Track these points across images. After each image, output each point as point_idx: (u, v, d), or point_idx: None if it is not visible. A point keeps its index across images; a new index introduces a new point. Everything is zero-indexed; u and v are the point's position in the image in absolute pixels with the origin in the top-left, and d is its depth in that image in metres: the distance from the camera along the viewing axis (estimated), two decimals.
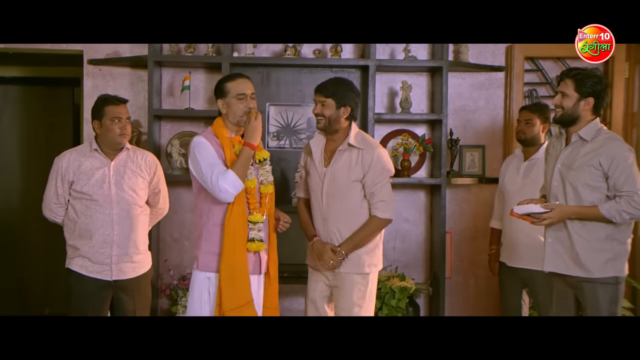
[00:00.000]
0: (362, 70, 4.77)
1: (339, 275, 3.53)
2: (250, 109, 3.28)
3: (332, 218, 3.52)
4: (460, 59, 4.87)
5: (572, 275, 3.32)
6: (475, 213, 4.98)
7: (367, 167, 3.49)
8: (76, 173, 3.61)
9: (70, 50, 4.79)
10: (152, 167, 3.79)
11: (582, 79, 3.30)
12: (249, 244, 3.28)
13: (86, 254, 3.59)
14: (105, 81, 4.82)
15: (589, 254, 3.27)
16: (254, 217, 3.29)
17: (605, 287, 3.27)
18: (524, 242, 4.04)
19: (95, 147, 3.66)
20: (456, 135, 4.89)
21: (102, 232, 3.57)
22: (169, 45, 4.74)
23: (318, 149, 3.61)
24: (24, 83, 6.18)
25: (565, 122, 3.37)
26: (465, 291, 5.05)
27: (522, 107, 4.35)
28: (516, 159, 4.25)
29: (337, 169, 3.53)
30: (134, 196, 3.65)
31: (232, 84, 3.32)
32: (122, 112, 3.64)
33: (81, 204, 3.61)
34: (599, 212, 3.21)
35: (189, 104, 4.67)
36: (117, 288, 3.64)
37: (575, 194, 3.30)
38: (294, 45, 4.69)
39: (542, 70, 5.01)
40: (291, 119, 4.84)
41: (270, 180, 3.39)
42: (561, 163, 3.37)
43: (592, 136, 3.31)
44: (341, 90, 3.53)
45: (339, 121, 3.52)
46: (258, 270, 3.35)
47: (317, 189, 3.58)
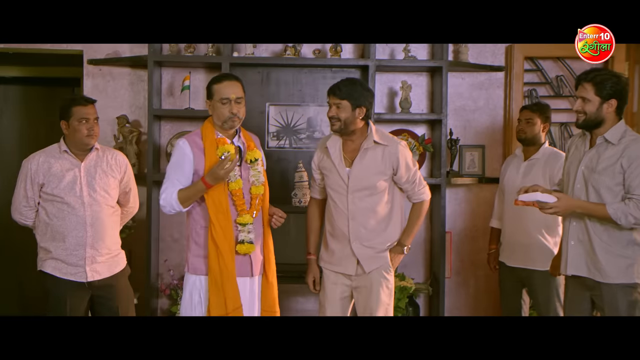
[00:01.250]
0: (362, 70, 4.77)
1: (366, 275, 3.51)
2: (225, 154, 3.22)
3: (360, 216, 3.50)
4: (460, 58, 4.87)
5: (593, 278, 3.25)
6: (475, 213, 4.99)
7: (397, 162, 3.50)
8: (46, 175, 3.56)
9: (70, 50, 4.79)
10: (122, 166, 3.75)
11: (602, 82, 3.22)
12: (238, 246, 3.26)
13: (59, 256, 3.54)
14: (105, 81, 4.82)
15: (609, 259, 3.21)
16: (243, 219, 3.27)
17: (625, 291, 3.21)
18: (523, 242, 4.04)
19: (64, 149, 3.61)
20: (456, 135, 4.89)
21: (76, 234, 3.53)
22: (169, 45, 4.74)
23: (336, 150, 3.55)
24: (24, 83, 6.17)
25: (590, 127, 3.29)
26: (465, 291, 5.05)
27: (523, 107, 4.34)
28: (516, 158, 4.25)
29: (363, 167, 3.50)
30: (105, 197, 3.61)
31: (218, 87, 3.32)
32: (90, 112, 3.58)
33: (53, 206, 3.56)
34: (606, 211, 3.15)
35: (189, 103, 4.67)
36: (94, 288, 3.60)
37: (597, 197, 3.23)
38: (294, 45, 4.69)
39: (542, 70, 5.01)
40: (291, 118, 4.84)
41: (261, 181, 3.36)
42: (585, 165, 3.29)
43: (617, 138, 3.24)
44: (356, 91, 3.48)
45: (354, 122, 3.48)
46: (249, 272, 3.32)
47: (340, 190, 3.53)
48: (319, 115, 4.81)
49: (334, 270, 3.57)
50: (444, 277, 4.71)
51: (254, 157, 3.36)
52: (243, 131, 3.45)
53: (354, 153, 3.53)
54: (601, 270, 3.22)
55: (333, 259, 3.57)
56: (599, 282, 3.24)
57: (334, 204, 3.56)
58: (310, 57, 4.78)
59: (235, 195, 3.28)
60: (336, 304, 3.56)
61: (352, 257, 3.51)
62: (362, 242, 3.50)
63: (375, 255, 3.52)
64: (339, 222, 3.53)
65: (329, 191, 3.60)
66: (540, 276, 3.94)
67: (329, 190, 3.60)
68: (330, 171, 3.56)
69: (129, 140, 4.69)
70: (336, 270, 3.56)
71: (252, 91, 4.75)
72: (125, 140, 4.68)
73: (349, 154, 3.55)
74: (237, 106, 3.30)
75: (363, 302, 3.52)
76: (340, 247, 3.54)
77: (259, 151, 3.40)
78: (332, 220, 3.58)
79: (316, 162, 3.67)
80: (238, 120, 3.33)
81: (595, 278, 3.25)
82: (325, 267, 3.62)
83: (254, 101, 4.75)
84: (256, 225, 3.35)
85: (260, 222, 3.39)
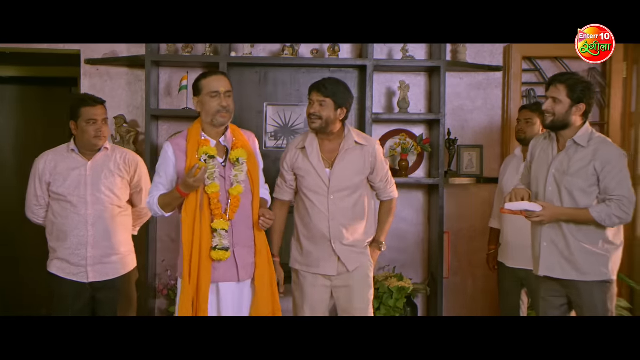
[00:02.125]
0: (360, 70, 4.77)
1: (348, 274, 3.52)
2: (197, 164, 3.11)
3: (340, 216, 3.50)
4: (458, 58, 4.87)
5: (569, 278, 3.33)
6: (473, 213, 4.98)
7: (375, 161, 3.57)
8: (53, 174, 3.59)
9: (68, 50, 4.78)
10: (132, 165, 3.73)
11: (574, 85, 3.31)
12: (211, 252, 3.17)
13: (62, 256, 3.57)
14: (103, 81, 4.81)
15: (586, 257, 3.30)
16: (216, 224, 3.17)
17: (602, 288, 3.32)
18: (523, 243, 4.02)
19: (72, 148, 3.62)
20: (454, 135, 4.89)
21: (77, 234, 3.53)
22: (167, 45, 4.73)
23: (314, 150, 3.55)
24: (21, 83, 6.17)
25: (557, 127, 3.38)
26: (463, 291, 5.04)
27: (522, 107, 4.35)
28: (516, 158, 4.24)
29: (345, 167, 3.51)
30: (111, 196, 3.60)
31: (206, 82, 3.26)
32: (98, 113, 3.58)
33: (58, 205, 3.58)
34: (589, 215, 3.24)
35: (187, 103, 4.66)
36: (96, 290, 3.60)
37: (571, 199, 3.31)
38: (292, 45, 4.68)
39: (540, 70, 5.00)
40: (289, 118, 4.83)
41: (239, 180, 3.23)
42: (555, 169, 3.37)
43: (586, 141, 3.32)
44: (340, 91, 3.50)
45: (335, 123, 3.50)
46: (235, 277, 3.23)
47: (320, 191, 3.52)
48: None
49: (312, 272, 3.55)
50: (442, 278, 4.71)
51: (237, 156, 3.25)
52: (233, 129, 3.36)
53: (333, 154, 3.54)
54: (578, 269, 3.31)
55: (310, 261, 3.55)
56: (575, 281, 3.32)
57: (311, 204, 3.53)
58: (308, 57, 4.77)
59: (211, 199, 3.18)
60: (316, 305, 3.55)
61: (332, 257, 3.51)
62: (343, 241, 3.51)
63: (357, 253, 3.55)
64: (318, 223, 3.51)
65: (305, 192, 3.56)
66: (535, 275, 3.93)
67: (305, 192, 3.56)
68: (308, 172, 3.54)
69: (127, 140, 4.68)
70: (315, 272, 3.54)
71: (250, 91, 4.74)
72: (122, 140, 4.67)
73: (326, 154, 3.55)
74: (226, 99, 3.23)
75: (345, 301, 3.54)
76: (318, 248, 3.53)
77: (242, 150, 3.28)
78: (308, 221, 3.54)
79: (289, 162, 3.62)
80: (228, 115, 3.25)
81: (571, 277, 3.33)
82: (302, 270, 3.59)
83: (252, 101, 4.75)
84: (240, 229, 3.25)
85: (247, 225, 3.27)
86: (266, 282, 3.29)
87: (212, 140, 3.28)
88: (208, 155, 3.20)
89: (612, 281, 3.35)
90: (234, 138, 3.33)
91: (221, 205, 3.20)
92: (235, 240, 3.23)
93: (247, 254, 3.27)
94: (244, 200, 3.26)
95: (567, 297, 3.41)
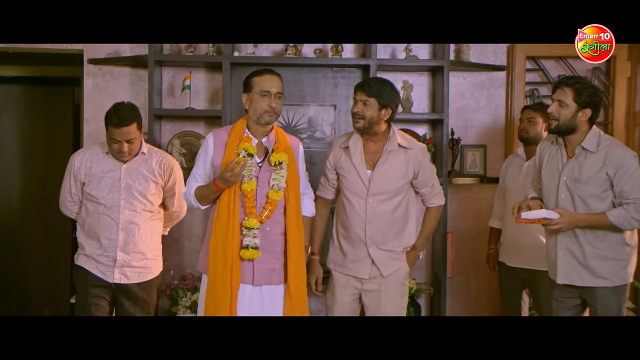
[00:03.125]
0: (363, 70, 4.76)
1: (380, 279, 3.47)
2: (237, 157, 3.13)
3: (377, 220, 3.44)
4: (461, 58, 4.86)
5: (587, 285, 3.29)
6: (477, 213, 4.97)
7: (419, 166, 3.48)
8: (87, 175, 3.59)
9: (71, 50, 4.77)
10: (168, 170, 3.70)
11: (582, 89, 3.27)
12: (242, 251, 3.17)
13: (91, 254, 3.58)
14: (106, 80, 4.81)
15: (603, 264, 3.26)
16: (248, 223, 3.17)
17: (617, 292, 3.28)
18: (525, 243, 4.03)
19: (107, 150, 3.62)
20: (457, 135, 4.88)
21: (107, 236, 3.55)
22: (170, 45, 4.72)
23: (357, 150, 3.48)
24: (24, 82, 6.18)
25: (562, 132, 3.34)
26: (467, 291, 5.04)
27: (525, 106, 4.33)
28: (518, 158, 4.23)
29: (386, 170, 3.44)
30: (143, 201, 3.60)
31: (259, 79, 3.25)
32: (120, 134, 3.46)
33: (91, 205, 3.59)
34: (608, 220, 3.20)
35: (190, 103, 4.65)
36: (119, 292, 3.62)
37: (585, 206, 3.27)
38: (295, 45, 4.68)
39: (544, 70, 4.99)
40: (292, 118, 4.82)
41: (282, 187, 3.24)
42: (567, 176, 3.32)
43: (595, 146, 3.28)
44: (386, 90, 3.42)
45: (379, 123, 3.42)
46: (250, 280, 3.22)
47: (359, 192, 3.46)
48: (320, 115, 4.80)
49: (344, 273, 3.52)
50: (446, 277, 4.70)
51: (279, 159, 3.23)
52: (277, 131, 3.36)
53: (376, 155, 3.47)
54: (597, 276, 3.26)
55: (345, 262, 3.52)
56: (593, 287, 3.28)
57: (350, 206, 3.48)
58: (311, 57, 4.76)
59: (246, 197, 3.18)
60: (345, 307, 3.52)
61: (366, 260, 3.47)
62: (379, 245, 3.46)
63: (392, 258, 3.48)
64: (355, 226, 3.47)
65: (345, 193, 3.52)
66: (543, 276, 3.91)
67: (345, 192, 3.52)
68: (349, 172, 3.49)
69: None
70: (348, 274, 3.51)
71: None
72: None
73: (369, 155, 3.48)
74: (276, 101, 3.23)
75: (374, 306, 3.48)
76: (354, 250, 3.49)
77: (284, 154, 3.26)
78: (347, 222, 3.50)
79: (332, 161, 3.59)
80: (275, 116, 3.25)
81: (590, 284, 3.28)
82: (335, 270, 3.56)
83: None
84: (266, 233, 3.23)
85: (274, 230, 3.26)
86: (300, 288, 3.28)
87: (254, 139, 3.27)
88: (247, 152, 3.19)
89: (628, 284, 3.33)
90: (276, 140, 3.31)
91: (256, 204, 3.20)
92: (260, 243, 3.22)
93: (269, 259, 3.24)
94: (278, 204, 3.27)
95: (582, 297, 3.38)
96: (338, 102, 4.81)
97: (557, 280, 3.37)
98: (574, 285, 3.33)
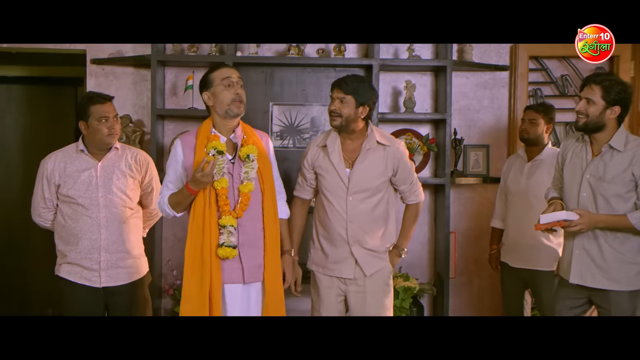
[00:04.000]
0: (366, 70, 4.75)
1: (364, 279, 3.45)
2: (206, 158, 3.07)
3: (358, 219, 3.42)
4: (464, 58, 4.85)
5: (600, 287, 3.24)
6: (480, 213, 4.96)
7: (398, 163, 3.46)
8: (62, 176, 3.48)
9: (73, 50, 4.78)
10: (144, 165, 3.63)
11: (610, 86, 3.21)
12: (218, 249, 3.10)
13: (73, 260, 3.46)
14: (108, 80, 4.81)
15: (621, 267, 3.21)
16: (223, 220, 3.10)
17: (632, 297, 3.22)
18: (527, 243, 4.02)
19: (81, 148, 3.52)
20: (460, 135, 4.87)
21: (89, 237, 3.43)
22: (172, 45, 4.72)
23: (335, 149, 3.47)
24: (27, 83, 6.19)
25: (590, 130, 3.27)
26: (469, 291, 5.03)
27: (527, 107, 4.31)
28: (519, 159, 4.22)
29: (365, 168, 3.43)
30: (123, 198, 3.51)
31: (217, 72, 3.21)
32: (109, 110, 3.47)
33: (68, 207, 3.48)
34: (628, 222, 3.14)
35: (192, 103, 4.66)
36: (108, 295, 3.50)
37: (607, 205, 3.21)
38: (297, 45, 4.68)
39: (547, 70, 4.99)
40: (294, 118, 4.82)
41: (250, 178, 3.17)
42: (590, 174, 3.26)
43: (622, 145, 3.22)
44: (362, 88, 3.40)
45: (356, 121, 3.41)
46: (240, 279, 3.16)
47: (339, 191, 3.44)
48: (323, 114, 4.80)
49: (328, 275, 3.51)
50: (448, 278, 4.69)
51: (247, 152, 3.18)
52: (244, 127, 3.31)
53: (354, 153, 3.46)
54: (611, 278, 3.21)
55: (328, 263, 3.49)
56: (605, 289, 3.23)
57: (329, 205, 3.47)
58: (313, 57, 4.76)
59: (219, 195, 3.12)
60: (333, 307, 3.50)
61: (350, 260, 3.45)
62: (362, 245, 3.44)
63: (376, 257, 3.47)
64: (336, 225, 3.45)
65: (324, 192, 3.50)
66: (545, 277, 3.92)
67: (324, 192, 3.50)
68: (327, 171, 3.48)
69: (132, 140, 4.68)
70: (331, 275, 3.49)
71: (256, 91, 4.73)
72: (128, 140, 4.66)
73: (348, 154, 3.47)
74: (241, 89, 3.18)
75: (359, 307, 3.46)
76: (336, 250, 3.46)
77: (253, 147, 3.20)
78: (327, 222, 3.48)
79: (309, 160, 3.56)
80: (242, 106, 3.19)
81: (602, 287, 3.23)
82: (319, 272, 3.54)
83: (258, 101, 4.74)
84: (247, 229, 3.18)
85: (255, 225, 3.21)
86: (277, 284, 3.23)
87: (222, 137, 3.22)
88: (217, 150, 3.13)
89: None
90: (244, 135, 3.26)
91: (229, 201, 3.14)
92: (242, 240, 3.16)
93: (255, 256, 3.19)
94: (254, 198, 3.19)
95: (589, 299, 3.33)
96: None
97: (569, 280, 3.31)
98: (584, 286, 3.28)
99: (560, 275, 3.45)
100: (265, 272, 3.20)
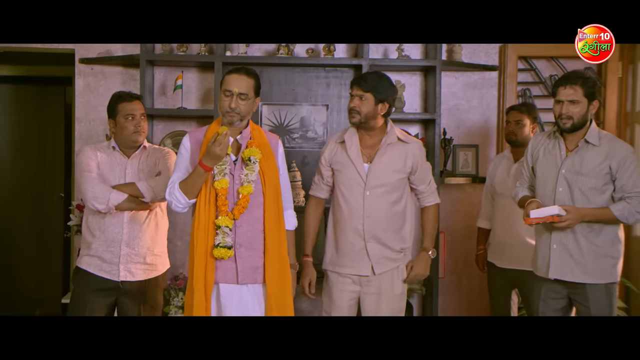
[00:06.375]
0: (355, 70, 4.76)
1: (376, 280, 3.43)
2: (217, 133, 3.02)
3: (376, 214, 3.41)
4: (453, 58, 4.86)
5: (578, 281, 3.29)
6: (469, 213, 4.97)
7: (417, 161, 3.47)
8: (101, 169, 3.53)
9: (62, 49, 4.76)
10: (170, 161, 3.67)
11: (586, 83, 3.28)
12: (213, 249, 3.09)
13: (95, 252, 3.50)
14: (97, 80, 4.80)
15: (597, 260, 3.27)
16: (219, 221, 3.09)
17: (608, 290, 3.30)
18: (514, 243, 4.02)
19: (113, 145, 3.58)
20: (449, 135, 4.88)
21: (112, 230, 3.48)
22: (161, 45, 4.71)
23: (353, 143, 3.46)
24: (16, 82, 6.17)
25: (576, 129, 3.32)
26: (459, 291, 5.04)
27: (510, 107, 4.29)
28: (505, 159, 4.21)
29: (384, 163, 3.42)
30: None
31: (226, 78, 3.15)
32: (136, 108, 3.53)
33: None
34: (611, 214, 3.21)
35: (182, 103, 4.65)
36: (123, 291, 3.53)
37: (584, 198, 3.27)
38: (287, 45, 4.67)
39: (536, 70, 5.00)
40: (284, 118, 4.82)
41: (250, 180, 3.13)
42: (566, 169, 3.31)
43: (597, 139, 3.29)
44: (382, 85, 3.40)
45: (375, 118, 3.40)
46: (234, 279, 3.13)
47: (356, 186, 3.43)
48: (312, 114, 4.80)
49: (342, 273, 3.48)
50: (438, 277, 4.70)
51: (249, 155, 3.15)
52: (254, 128, 3.24)
53: (372, 149, 3.45)
54: (588, 272, 3.28)
55: (344, 261, 3.47)
56: (582, 283, 3.28)
57: (345, 201, 3.45)
58: (303, 57, 4.76)
59: (219, 195, 3.11)
60: (344, 310, 3.48)
61: (365, 257, 3.43)
62: (378, 240, 3.43)
63: (388, 258, 3.46)
64: (353, 221, 3.43)
65: (340, 188, 3.48)
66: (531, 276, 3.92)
67: (340, 187, 3.48)
68: (345, 166, 3.46)
69: None
70: (347, 273, 3.47)
71: None
72: None
73: (366, 149, 3.47)
74: (239, 102, 3.10)
75: (373, 309, 3.45)
76: (352, 247, 3.45)
77: (257, 150, 3.16)
78: (343, 219, 3.46)
79: (327, 157, 3.54)
80: (237, 117, 3.12)
81: (581, 280, 3.29)
82: (334, 271, 3.51)
83: None
84: (245, 230, 3.15)
85: (254, 227, 3.17)
86: (281, 287, 3.18)
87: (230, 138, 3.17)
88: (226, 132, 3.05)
89: (617, 282, 3.35)
90: (251, 137, 3.21)
91: (228, 202, 3.12)
92: (238, 241, 3.13)
93: (252, 257, 3.15)
94: (253, 201, 3.15)
95: (569, 297, 3.38)
96: (330, 102, 4.81)
97: (549, 275, 3.35)
98: (564, 281, 3.32)
99: (536, 273, 3.48)
100: (266, 274, 3.16)
